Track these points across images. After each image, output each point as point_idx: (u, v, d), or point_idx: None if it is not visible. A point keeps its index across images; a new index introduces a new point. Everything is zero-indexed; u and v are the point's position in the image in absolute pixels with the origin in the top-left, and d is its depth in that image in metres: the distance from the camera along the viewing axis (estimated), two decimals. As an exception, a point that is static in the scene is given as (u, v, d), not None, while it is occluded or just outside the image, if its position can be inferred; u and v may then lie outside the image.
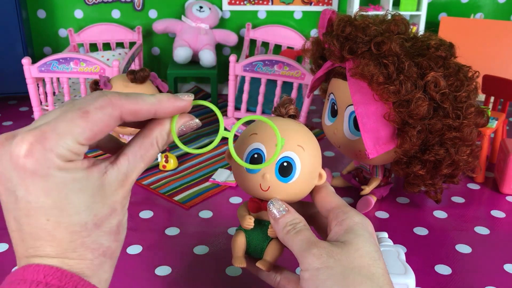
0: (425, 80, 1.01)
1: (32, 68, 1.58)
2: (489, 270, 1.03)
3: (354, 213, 0.51)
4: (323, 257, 0.46)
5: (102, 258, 0.39)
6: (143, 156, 0.42)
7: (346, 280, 0.44)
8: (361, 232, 0.48)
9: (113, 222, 0.40)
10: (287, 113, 0.57)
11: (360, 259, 0.45)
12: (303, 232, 0.49)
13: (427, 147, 1.06)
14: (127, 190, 0.41)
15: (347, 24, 1.08)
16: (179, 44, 2.10)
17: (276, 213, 0.52)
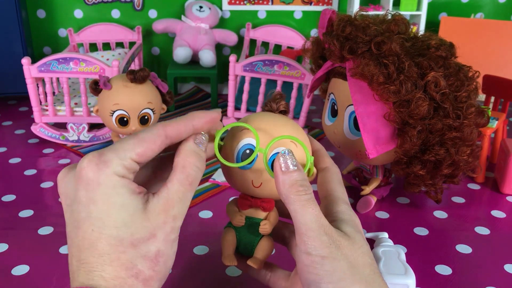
0: (425, 80, 1.00)
1: (32, 68, 1.58)
2: (489, 270, 1.03)
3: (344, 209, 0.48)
4: (331, 247, 0.43)
5: (134, 280, 0.39)
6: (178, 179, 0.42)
7: (352, 277, 0.43)
8: (359, 229, 0.47)
9: (151, 248, 0.40)
10: (278, 109, 0.56)
11: (363, 256, 0.44)
12: (313, 204, 0.45)
13: (427, 147, 1.05)
14: (170, 216, 0.41)
15: (347, 24, 1.08)
16: (179, 44, 2.10)
17: (283, 165, 0.46)
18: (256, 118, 0.53)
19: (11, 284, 0.99)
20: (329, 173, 0.52)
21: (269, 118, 0.53)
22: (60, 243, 1.12)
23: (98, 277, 0.39)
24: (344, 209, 0.48)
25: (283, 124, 0.53)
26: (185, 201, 0.42)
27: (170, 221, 0.41)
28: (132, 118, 1.41)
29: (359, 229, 0.47)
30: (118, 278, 0.39)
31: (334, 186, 0.50)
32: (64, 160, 1.58)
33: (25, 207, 1.28)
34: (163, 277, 0.42)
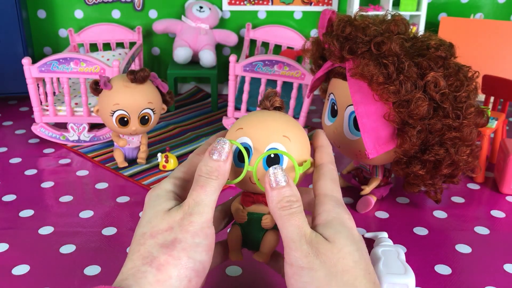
0: (425, 80, 1.01)
1: (32, 68, 1.58)
2: (489, 270, 1.03)
3: (331, 207, 0.48)
4: (310, 256, 0.44)
5: (148, 267, 0.44)
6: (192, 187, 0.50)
7: (329, 286, 0.43)
8: (340, 228, 0.46)
9: (168, 238, 0.46)
10: (272, 105, 0.57)
11: (342, 261, 0.44)
12: (297, 216, 0.47)
13: (427, 147, 1.06)
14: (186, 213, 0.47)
15: (347, 24, 1.08)
16: (179, 44, 2.10)
17: (273, 181, 0.48)
18: (250, 118, 0.54)
19: (11, 284, 0.99)
20: (322, 170, 0.53)
21: (262, 117, 0.54)
22: (60, 243, 1.12)
23: (119, 275, 0.45)
24: (330, 208, 0.48)
25: (276, 120, 0.54)
26: (200, 202, 0.47)
27: (187, 217, 0.46)
28: (132, 118, 1.41)
29: (347, 225, 0.47)
30: (133, 268, 0.44)
31: (323, 184, 0.51)
32: (65, 160, 1.58)
33: (25, 207, 1.28)
34: (183, 266, 0.44)
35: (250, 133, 0.53)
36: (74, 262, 1.05)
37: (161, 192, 0.50)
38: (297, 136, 0.54)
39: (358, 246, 0.46)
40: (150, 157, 1.58)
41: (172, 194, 0.51)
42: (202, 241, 0.47)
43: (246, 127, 0.54)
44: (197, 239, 0.46)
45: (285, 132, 0.53)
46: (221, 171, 0.49)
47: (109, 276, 1.00)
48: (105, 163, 1.55)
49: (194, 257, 0.46)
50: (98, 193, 1.37)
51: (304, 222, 0.47)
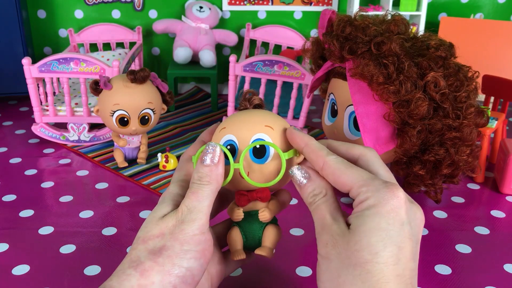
0: (425, 80, 1.01)
1: (32, 68, 1.58)
2: (489, 270, 1.03)
3: (371, 192, 0.44)
4: (328, 247, 0.45)
5: (132, 270, 0.45)
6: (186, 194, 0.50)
7: (338, 279, 0.42)
8: (368, 219, 0.43)
9: (157, 244, 0.46)
10: (251, 104, 0.58)
11: (358, 254, 0.42)
12: (320, 208, 0.48)
13: (427, 147, 1.06)
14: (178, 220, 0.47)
15: (347, 24, 1.08)
16: (179, 44, 2.10)
17: (297, 183, 0.51)
18: (231, 118, 0.55)
19: (11, 284, 0.99)
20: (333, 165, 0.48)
21: (243, 114, 0.55)
22: (60, 243, 1.12)
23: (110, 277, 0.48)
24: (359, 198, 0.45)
25: (256, 114, 0.55)
26: (192, 209, 0.47)
27: (179, 224, 0.47)
28: (132, 118, 1.41)
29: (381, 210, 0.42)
30: (119, 270, 0.47)
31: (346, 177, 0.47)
32: (65, 160, 1.58)
33: (25, 207, 1.28)
34: (167, 272, 0.45)
35: (233, 130, 0.54)
36: (74, 262, 1.05)
37: (168, 196, 0.51)
38: (279, 125, 0.55)
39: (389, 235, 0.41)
40: (150, 157, 1.58)
41: (178, 197, 0.51)
42: (192, 248, 0.47)
43: (228, 125, 0.55)
44: (186, 246, 0.47)
45: (267, 122, 0.54)
46: (213, 176, 0.50)
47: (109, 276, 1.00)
48: (105, 163, 1.55)
49: (180, 264, 0.46)
50: (98, 193, 1.37)
51: (326, 213, 0.47)
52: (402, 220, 0.42)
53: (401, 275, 0.41)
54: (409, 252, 0.42)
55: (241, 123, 0.54)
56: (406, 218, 0.43)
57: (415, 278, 0.43)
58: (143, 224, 0.50)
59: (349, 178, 0.46)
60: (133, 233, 1.17)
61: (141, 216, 1.24)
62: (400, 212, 0.43)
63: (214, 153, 0.50)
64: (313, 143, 0.50)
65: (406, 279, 0.41)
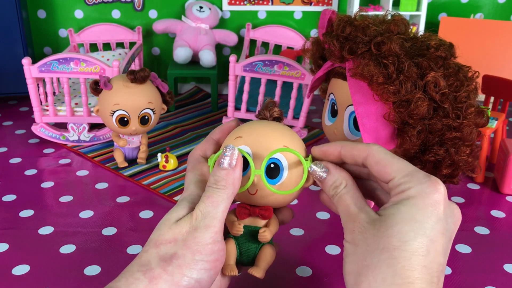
0: (425, 80, 1.01)
1: (32, 68, 1.58)
2: (489, 270, 1.03)
3: (414, 183, 0.43)
4: (354, 233, 0.45)
5: (141, 275, 0.44)
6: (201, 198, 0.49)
7: (363, 262, 0.42)
8: (404, 208, 0.42)
9: (169, 251, 0.45)
10: (271, 116, 0.56)
11: (387, 239, 0.42)
12: (343, 198, 0.48)
13: (427, 147, 1.06)
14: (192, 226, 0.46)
15: (347, 24, 1.08)
16: (179, 44, 2.10)
17: (318, 178, 0.51)
18: (249, 127, 0.53)
19: (11, 284, 0.99)
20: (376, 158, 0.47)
21: (261, 127, 0.53)
22: (60, 243, 1.12)
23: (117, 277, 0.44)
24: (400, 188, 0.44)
25: (275, 130, 0.53)
26: (206, 214, 0.46)
27: (192, 231, 0.45)
28: (132, 118, 1.41)
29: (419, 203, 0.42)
30: (128, 272, 0.44)
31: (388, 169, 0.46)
32: (65, 160, 1.58)
33: (25, 207, 1.28)
34: (175, 283, 0.44)
35: (249, 142, 0.52)
36: (74, 262, 1.05)
37: (187, 197, 0.50)
38: (297, 147, 0.53)
39: (422, 227, 0.41)
40: (150, 157, 1.58)
41: (197, 199, 0.50)
42: (204, 258, 0.46)
43: (245, 135, 0.52)
44: (197, 256, 0.46)
45: (286, 142, 0.52)
46: (229, 180, 0.48)
47: (109, 276, 1.00)
48: (105, 163, 1.55)
49: (190, 275, 0.45)
50: (98, 193, 1.37)
51: (350, 202, 0.48)
52: (439, 215, 0.42)
53: (428, 267, 0.41)
54: (441, 246, 0.42)
55: (259, 137, 0.52)
56: (443, 214, 0.43)
57: (442, 273, 0.43)
58: (157, 225, 0.49)
59: (394, 168, 0.46)
60: (133, 233, 1.17)
61: (141, 216, 1.24)
62: (439, 207, 0.43)
63: (232, 156, 0.49)
64: (347, 143, 0.51)
65: (432, 272, 0.41)
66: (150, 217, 1.24)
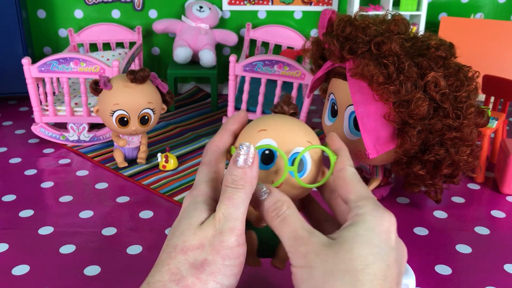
0: (425, 80, 1.01)
1: (32, 68, 1.58)
2: (489, 270, 1.03)
3: (370, 209, 0.45)
4: (309, 256, 0.44)
5: (174, 285, 0.43)
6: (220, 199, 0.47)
7: (325, 284, 0.42)
8: (362, 232, 0.44)
9: (198, 257, 0.44)
10: (289, 111, 0.57)
11: (349, 262, 0.42)
12: (290, 221, 0.46)
13: (427, 147, 1.06)
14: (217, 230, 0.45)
15: (347, 24, 1.08)
16: (179, 44, 2.10)
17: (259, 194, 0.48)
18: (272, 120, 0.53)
19: (11, 284, 0.99)
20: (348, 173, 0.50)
21: (284, 121, 0.53)
22: (60, 243, 1.12)
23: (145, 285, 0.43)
24: (359, 210, 0.46)
25: (298, 125, 0.53)
26: (229, 217, 0.46)
27: (218, 235, 0.44)
28: (132, 118, 1.41)
29: (376, 230, 0.44)
30: (160, 282, 0.43)
31: (350, 188, 0.49)
32: (65, 160, 1.58)
33: (25, 207, 1.28)
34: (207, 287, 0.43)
35: (275, 135, 0.52)
36: (74, 262, 1.05)
37: (200, 198, 0.48)
38: (316, 142, 0.54)
39: (380, 252, 0.43)
40: (150, 157, 1.58)
41: (209, 200, 0.48)
42: (233, 262, 0.46)
43: (269, 128, 0.52)
44: (227, 261, 0.45)
45: (309, 137, 0.53)
46: (247, 179, 0.48)
47: (109, 276, 1.00)
48: (105, 163, 1.55)
49: (222, 282, 0.45)
50: (98, 193, 1.37)
51: (297, 225, 0.47)
52: (391, 244, 0.44)
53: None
54: (396, 274, 0.43)
55: (284, 132, 0.52)
56: (395, 244, 0.44)
57: None
58: (177, 229, 0.47)
59: (355, 190, 0.48)
60: (133, 233, 1.17)
61: (141, 216, 1.24)
62: (391, 236, 0.45)
63: (248, 154, 0.49)
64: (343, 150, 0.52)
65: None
66: (150, 217, 1.24)
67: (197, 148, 1.69)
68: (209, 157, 0.51)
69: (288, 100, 0.56)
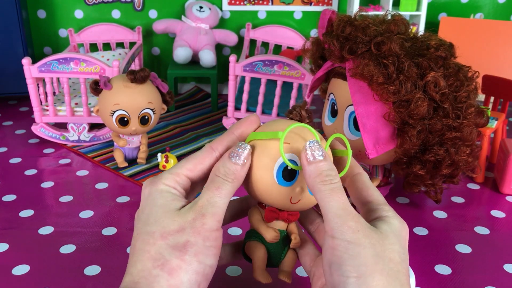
0: (425, 80, 1.01)
1: (32, 68, 1.58)
2: (489, 270, 1.03)
3: (394, 215, 0.49)
4: (359, 233, 0.44)
5: (159, 270, 0.43)
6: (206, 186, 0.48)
7: (375, 266, 0.43)
8: (396, 232, 0.47)
9: (179, 240, 0.44)
10: (305, 118, 0.56)
11: (392, 252, 0.45)
12: (340, 193, 0.47)
13: (427, 147, 1.06)
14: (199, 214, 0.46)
15: (347, 24, 1.08)
16: (179, 44, 2.10)
17: (310, 155, 0.47)
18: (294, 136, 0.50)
19: (11, 284, 0.99)
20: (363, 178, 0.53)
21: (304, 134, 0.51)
22: (60, 243, 1.12)
23: (128, 276, 0.43)
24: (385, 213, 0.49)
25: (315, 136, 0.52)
26: (213, 203, 0.46)
27: (199, 218, 0.45)
28: (132, 118, 1.41)
29: (398, 232, 0.47)
30: (144, 271, 0.43)
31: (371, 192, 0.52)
32: (65, 160, 1.58)
33: (25, 207, 1.28)
34: (194, 271, 0.44)
35: (298, 150, 0.50)
36: (74, 262, 1.05)
37: (164, 187, 0.48)
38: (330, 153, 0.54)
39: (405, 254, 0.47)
40: (150, 157, 1.58)
41: (175, 191, 0.49)
42: (213, 243, 0.47)
43: (292, 142, 0.50)
44: (208, 243, 0.46)
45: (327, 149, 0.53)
46: (238, 175, 0.49)
47: (109, 276, 1.00)
48: (105, 163, 1.55)
49: (204, 261, 0.45)
50: (98, 193, 1.37)
51: (347, 200, 0.48)
52: (405, 250, 0.47)
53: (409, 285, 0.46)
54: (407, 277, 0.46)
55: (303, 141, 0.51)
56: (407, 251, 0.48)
57: None
58: (149, 217, 0.47)
59: (375, 195, 0.51)
60: (133, 233, 1.17)
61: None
62: (406, 244, 0.48)
63: (242, 153, 0.49)
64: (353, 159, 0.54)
65: None
66: (150, 217, 1.24)
67: (197, 148, 1.69)
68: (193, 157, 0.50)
69: (304, 106, 0.55)
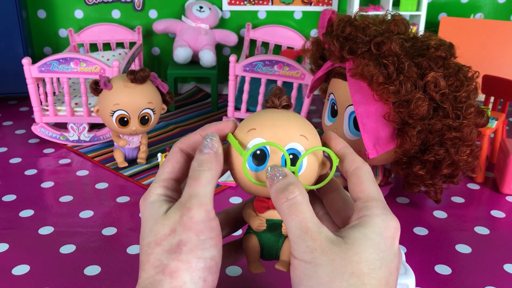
0: (425, 80, 1.01)
1: (32, 68, 1.58)
2: (489, 270, 1.03)
3: (380, 212, 0.45)
4: (316, 252, 0.43)
5: (161, 275, 0.43)
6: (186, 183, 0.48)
7: (330, 284, 0.42)
8: (371, 235, 0.43)
9: (172, 241, 0.44)
10: (280, 104, 0.55)
11: (356, 265, 0.42)
12: (298, 210, 0.44)
13: (427, 147, 1.06)
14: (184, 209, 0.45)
15: (347, 24, 1.08)
16: (179, 44, 2.10)
17: (271, 180, 0.46)
18: (261, 118, 0.52)
19: (11, 284, 0.99)
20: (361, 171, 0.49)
21: (274, 116, 0.51)
22: (60, 243, 1.12)
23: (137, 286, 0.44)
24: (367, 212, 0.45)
25: (289, 119, 0.51)
26: (196, 195, 0.46)
27: (186, 213, 0.44)
28: (132, 118, 1.41)
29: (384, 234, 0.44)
30: (149, 278, 0.44)
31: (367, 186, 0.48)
32: (65, 160, 1.58)
33: (25, 207, 1.28)
34: (194, 269, 0.44)
35: (265, 134, 0.50)
36: (74, 262, 1.05)
37: (153, 198, 0.48)
38: (312, 135, 0.52)
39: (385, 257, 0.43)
40: (150, 157, 1.58)
41: (164, 198, 0.49)
42: (208, 236, 0.46)
43: (259, 127, 0.50)
44: (202, 236, 0.45)
45: (302, 131, 0.51)
46: (213, 162, 0.48)
47: (109, 276, 1.00)
48: (105, 163, 1.55)
49: (203, 256, 0.45)
50: (98, 193, 1.37)
51: (307, 216, 0.45)
52: (395, 250, 0.44)
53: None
54: (395, 281, 0.44)
55: (274, 128, 0.50)
56: (397, 250, 0.44)
57: None
58: (145, 230, 0.48)
59: (367, 189, 0.47)
60: (133, 233, 1.17)
61: (141, 217, 1.25)
62: (395, 242, 0.44)
63: (211, 142, 0.49)
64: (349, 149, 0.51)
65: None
66: (150, 217, 1.24)
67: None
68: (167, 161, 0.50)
69: (278, 92, 0.54)
